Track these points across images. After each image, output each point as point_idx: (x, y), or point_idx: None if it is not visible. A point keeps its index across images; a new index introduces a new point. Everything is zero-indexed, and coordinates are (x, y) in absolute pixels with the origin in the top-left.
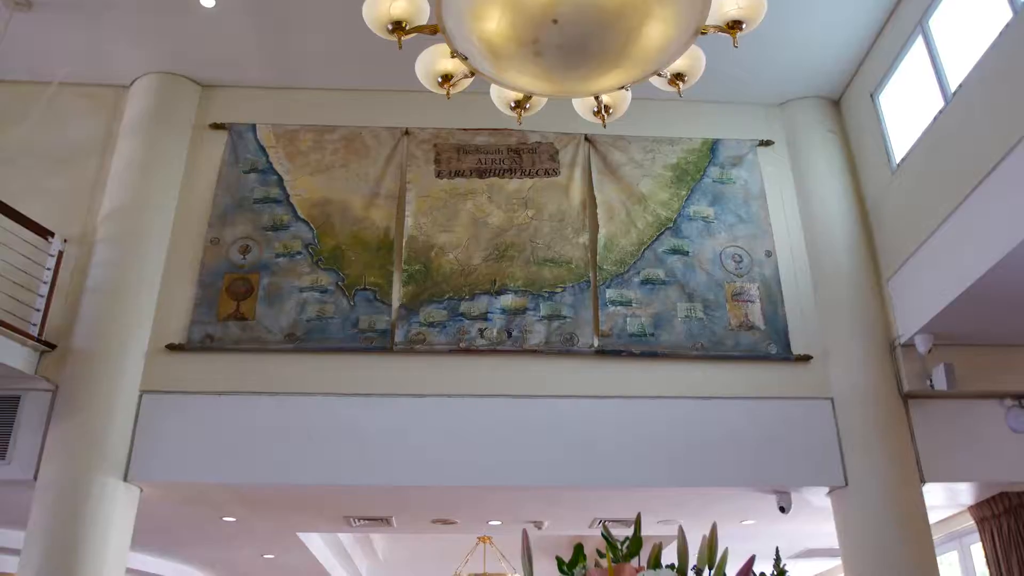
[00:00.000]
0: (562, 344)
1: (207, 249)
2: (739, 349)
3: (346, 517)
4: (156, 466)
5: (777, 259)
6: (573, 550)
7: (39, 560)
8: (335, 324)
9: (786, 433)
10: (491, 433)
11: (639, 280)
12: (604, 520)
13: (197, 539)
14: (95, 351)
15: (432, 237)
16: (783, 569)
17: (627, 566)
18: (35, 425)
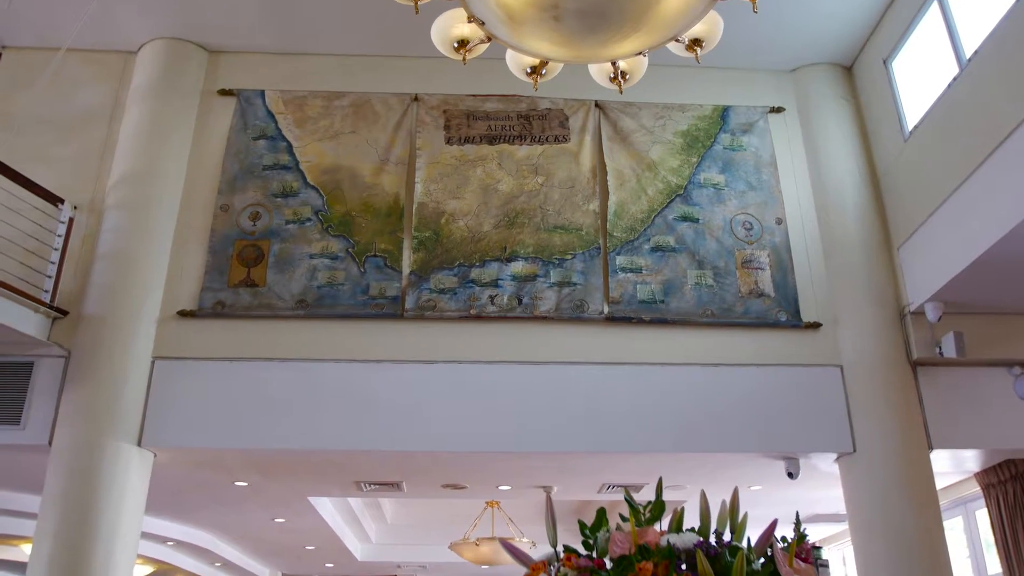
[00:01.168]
0: (572, 311)
1: (217, 216)
2: (749, 316)
3: (356, 482)
4: (169, 432)
5: (787, 226)
6: (596, 514)
7: (56, 524)
8: (346, 291)
9: (795, 400)
10: (501, 399)
11: (649, 247)
12: (613, 485)
13: (209, 503)
14: (107, 317)
15: (442, 204)
16: (803, 533)
17: (650, 529)
18: (49, 391)
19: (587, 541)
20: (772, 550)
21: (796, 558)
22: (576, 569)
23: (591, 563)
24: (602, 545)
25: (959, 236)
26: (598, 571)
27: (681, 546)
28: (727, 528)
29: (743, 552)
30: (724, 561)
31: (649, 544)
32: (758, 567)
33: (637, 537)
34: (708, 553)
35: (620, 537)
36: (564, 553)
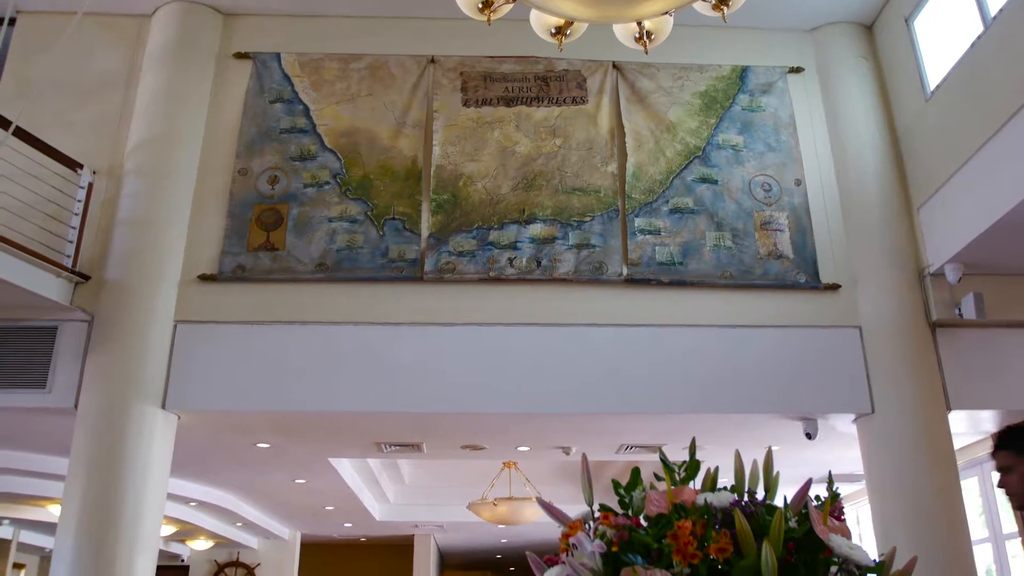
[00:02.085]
0: (591, 273)
1: (235, 180)
2: (768, 278)
3: (377, 443)
4: (192, 394)
5: (807, 188)
6: (631, 474)
7: (83, 485)
8: (365, 254)
9: (813, 361)
10: (520, 361)
11: (668, 209)
12: (631, 446)
13: (231, 465)
14: (128, 282)
15: (460, 166)
16: (836, 492)
17: (686, 489)
18: (73, 355)
19: (623, 500)
20: (807, 509)
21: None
22: (614, 527)
23: (629, 521)
24: (638, 504)
25: (980, 197)
26: (636, 529)
27: (718, 505)
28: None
29: (781, 511)
30: (761, 520)
31: (685, 503)
32: (794, 525)
33: (673, 496)
34: (745, 512)
35: (656, 496)
36: (600, 512)
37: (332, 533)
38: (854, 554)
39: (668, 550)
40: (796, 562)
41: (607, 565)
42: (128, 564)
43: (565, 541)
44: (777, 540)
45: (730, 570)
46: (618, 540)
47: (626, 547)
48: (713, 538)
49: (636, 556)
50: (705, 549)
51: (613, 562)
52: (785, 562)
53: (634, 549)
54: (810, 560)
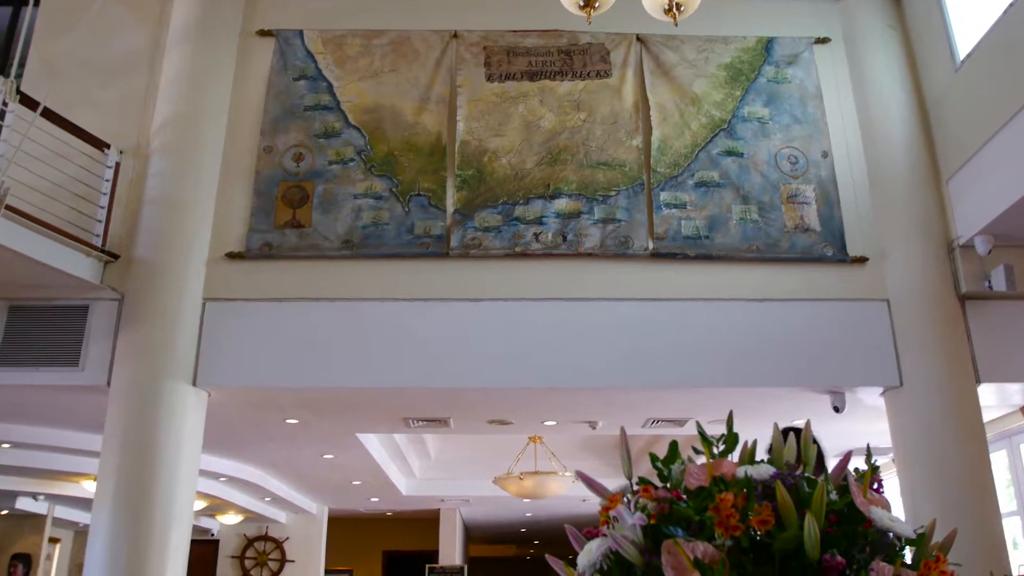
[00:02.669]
0: (617, 247)
1: (261, 157)
2: (794, 251)
3: (405, 418)
4: (222, 371)
5: (833, 160)
6: (668, 447)
7: (118, 460)
8: (391, 230)
9: (841, 334)
10: (547, 336)
11: (693, 182)
12: (657, 420)
13: (261, 440)
14: (157, 260)
15: (484, 142)
16: (875, 465)
17: (725, 461)
18: (104, 333)
19: (662, 473)
20: (846, 481)
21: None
22: (655, 500)
23: (669, 494)
24: (677, 477)
25: (1011, 168)
26: (676, 502)
27: (758, 477)
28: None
29: (823, 483)
30: (801, 492)
31: (725, 476)
32: (834, 498)
33: (712, 469)
34: (785, 484)
35: (695, 469)
36: (639, 485)
37: (359, 507)
38: (895, 526)
39: (710, 522)
40: (837, 534)
41: (647, 538)
42: (163, 538)
43: (605, 514)
44: (819, 512)
45: (772, 542)
46: (658, 513)
47: (666, 520)
48: (755, 510)
49: (676, 528)
50: (747, 521)
51: (653, 535)
52: (826, 534)
53: (674, 521)
54: (850, 532)
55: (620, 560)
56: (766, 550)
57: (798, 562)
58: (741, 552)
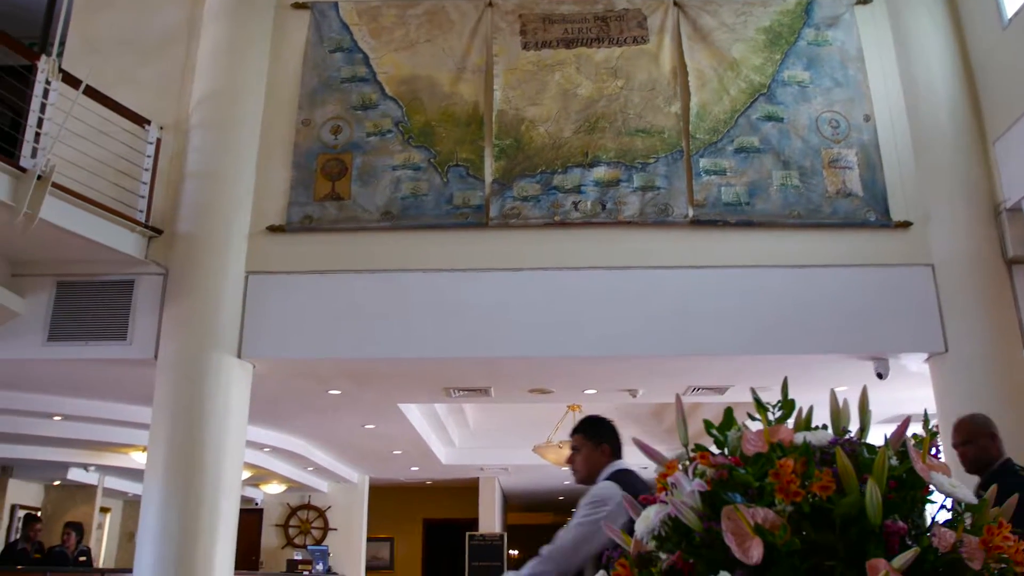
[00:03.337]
0: (656, 215)
1: (299, 131)
2: (836, 217)
3: (446, 388)
4: (266, 343)
5: (876, 123)
6: (723, 413)
7: (168, 433)
8: (430, 201)
9: (885, 300)
10: (587, 305)
11: (733, 148)
12: (698, 387)
13: (303, 411)
14: (199, 235)
15: (521, 110)
16: (933, 431)
17: (782, 427)
18: (150, 307)
19: (718, 440)
20: (905, 447)
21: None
22: (713, 466)
23: (728, 460)
24: (733, 444)
25: None
26: (735, 468)
27: (816, 443)
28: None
29: (884, 449)
30: (862, 458)
31: (783, 442)
32: (895, 463)
33: (769, 435)
34: (845, 451)
35: (752, 436)
36: (696, 452)
37: (399, 476)
38: (957, 492)
39: (769, 488)
40: (897, 500)
41: (706, 504)
42: (213, 506)
43: (663, 481)
44: (881, 478)
45: (832, 508)
46: (716, 479)
47: (724, 486)
48: (816, 476)
49: (735, 495)
50: (807, 487)
51: (711, 501)
52: (886, 499)
53: (733, 488)
54: (910, 498)
55: (678, 526)
56: (826, 515)
57: (859, 527)
58: (802, 517)
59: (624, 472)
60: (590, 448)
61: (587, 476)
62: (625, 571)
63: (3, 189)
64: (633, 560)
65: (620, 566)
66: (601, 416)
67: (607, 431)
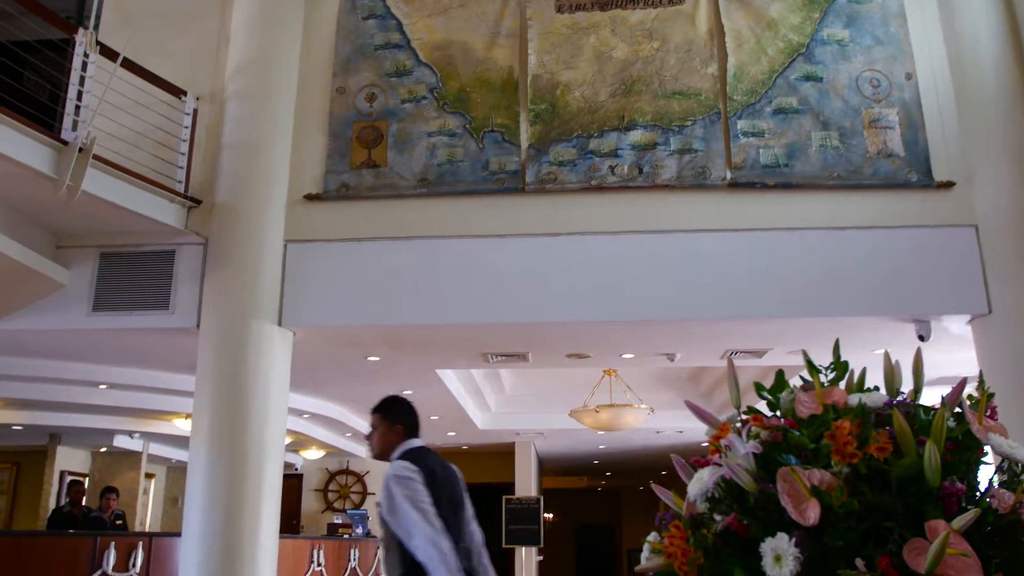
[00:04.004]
0: (694, 178)
1: (334, 99)
2: (877, 177)
3: (483, 354)
4: (305, 311)
5: (918, 81)
6: (775, 376)
7: (211, 400)
8: (466, 167)
9: (927, 261)
10: (625, 269)
11: (771, 109)
12: (736, 351)
13: (342, 378)
14: (238, 204)
15: (556, 75)
16: (990, 392)
17: (836, 389)
18: (191, 277)
19: (771, 402)
20: (962, 408)
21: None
22: (767, 428)
23: (782, 422)
24: (786, 406)
25: None
26: (790, 430)
27: (871, 405)
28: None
29: (943, 410)
30: (919, 420)
31: (837, 404)
32: (952, 424)
33: (823, 397)
34: (902, 412)
35: (806, 398)
36: (748, 414)
37: (436, 441)
38: (1015, 452)
39: (825, 450)
40: (954, 461)
41: (760, 466)
42: (258, 471)
43: (716, 443)
44: (940, 439)
45: (889, 469)
46: (770, 441)
47: (778, 448)
48: (873, 438)
49: (789, 456)
50: (864, 449)
51: (765, 463)
52: (944, 461)
53: (787, 450)
54: (966, 459)
55: (731, 488)
56: (882, 477)
57: (916, 488)
58: (858, 479)
59: (419, 450)
60: (385, 427)
61: (381, 453)
62: (680, 533)
63: (46, 162)
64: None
65: (674, 528)
66: (399, 397)
67: (403, 412)
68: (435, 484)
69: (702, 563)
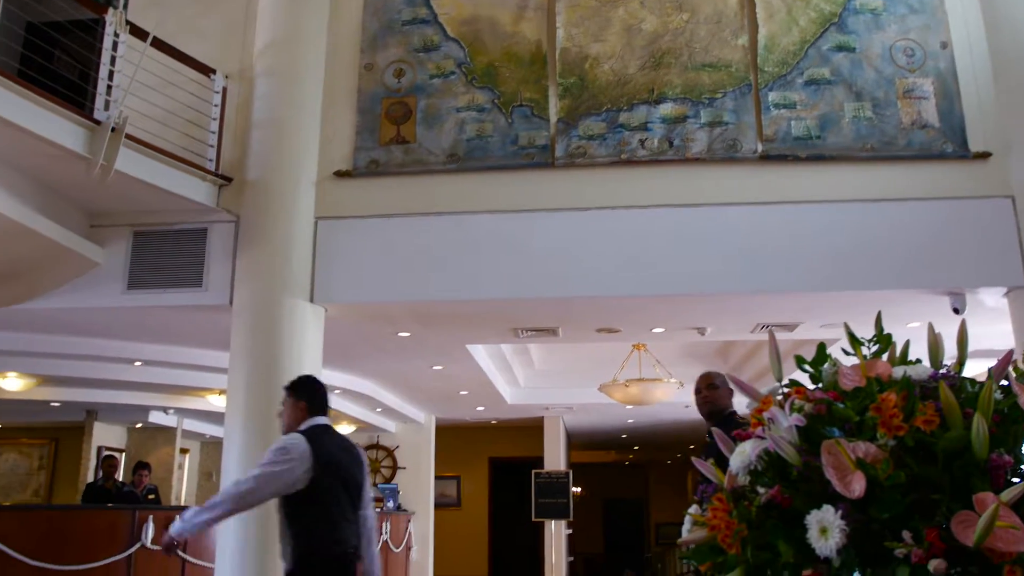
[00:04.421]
0: (725, 151)
1: (362, 75)
2: (911, 149)
3: (514, 329)
4: (337, 288)
5: (953, 50)
6: (817, 349)
7: (245, 376)
8: (495, 142)
9: (962, 233)
10: (655, 243)
11: (803, 81)
12: (766, 325)
13: (373, 353)
14: (268, 182)
15: (585, 48)
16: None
17: (879, 362)
18: (224, 254)
19: (814, 375)
20: (1009, 380)
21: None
22: (811, 401)
23: (826, 395)
24: (828, 378)
25: None
26: (834, 403)
27: (916, 378)
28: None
29: (990, 382)
30: (966, 392)
31: (881, 376)
32: (999, 396)
33: (866, 369)
34: (948, 384)
35: (849, 370)
36: (790, 387)
37: (465, 416)
38: None
39: (871, 422)
40: (1001, 433)
41: (803, 439)
42: None
43: (758, 416)
44: (987, 411)
45: (935, 442)
46: (813, 413)
47: (822, 421)
48: (920, 410)
49: (832, 429)
50: (911, 421)
51: (808, 436)
52: (991, 433)
53: (831, 422)
54: (1014, 432)
55: (773, 461)
56: (928, 450)
57: (963, 461)
58: (904, 452)
59: (319, 427)
60: (291, 404)
61: (288, 428)
62: (723, 505)
63: (79, 142)
64: (729, 495)
65: (717, 500)
66: (309, 377)
67: (308, 390)
68: (325, 464)
69: (746, 535)
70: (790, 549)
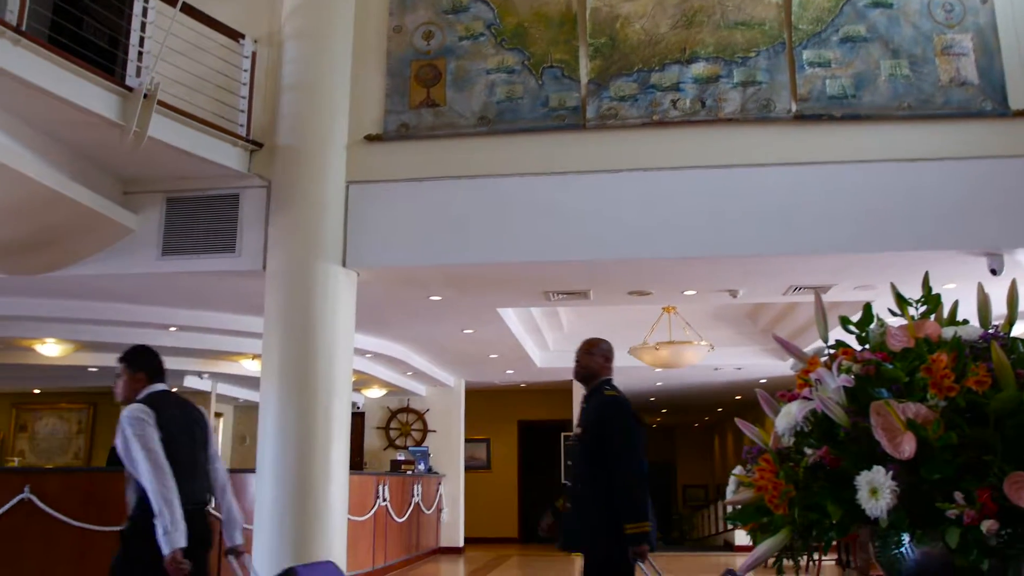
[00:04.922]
0: (758, 111)
1: (391, 38)
2: (950, 107)
3: (545, 292)
4: (369, 252)
5: (993, 4)
6: (863, 309)
7: (280, 341)
8: (525, 104)
9: (1000, 193)
10: (688, 205)
11: (838, 38)
12: (799, 287)
13: (404, 318)
14: (299, 147)
15: (615, 7)
16: None
17: (928, 322)
18: (256, 219)
19: (860, 336)
20: None
21: None
22: (859, 362)
23: (874, 356)
24: (875, 339)
25: None
26: (883, 364)
27: (967, 338)
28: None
29: None
30: (1017, 352)
31: (930, 337)
32: None
33: (915, 330)
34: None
35: (897, 331)
36: (837, 348)
37: (495, 380)
38: None
39: (921, 383)
40: None
41: (851, 400)
42: (327, 408)
43: (804, 376)
44: None
45: (986, 403)
46: (863, 375)
47: (870, 381)
48: (972, 371)
49: (880, 390)
50: (962, 382)
51: (855, 397)
52: None
53: (879, 383)
54: None
55: (820, 422)
56: (979, 410)
57: (1016, 422)
58: (954, 412)
59: (159, 393)
60: (128, 374)
61: (126, 398)
62: (770, 466)
63: (112, 108)
64: (775, 456)
65: (764, 461)
66: (143, 346)
67: (144, 360)
68: (169, 425)
69: (793, 496)
70: (839, 510)
